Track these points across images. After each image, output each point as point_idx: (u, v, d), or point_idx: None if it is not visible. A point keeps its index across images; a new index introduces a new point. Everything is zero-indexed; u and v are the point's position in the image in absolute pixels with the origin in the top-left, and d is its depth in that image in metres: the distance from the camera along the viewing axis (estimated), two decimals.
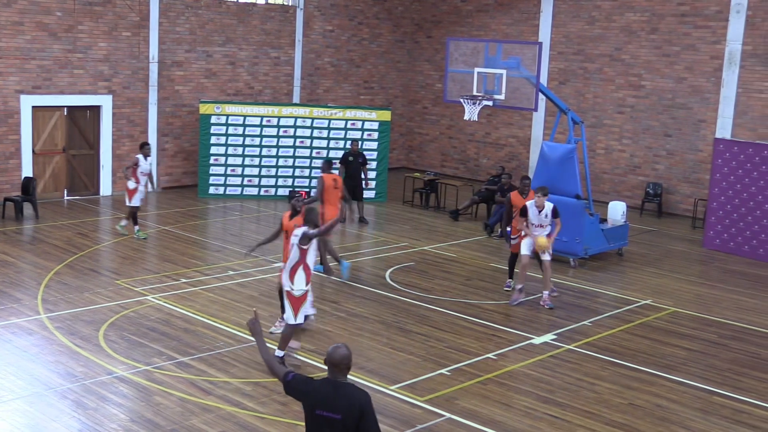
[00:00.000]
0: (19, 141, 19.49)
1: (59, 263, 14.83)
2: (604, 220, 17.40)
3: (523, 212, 13.64)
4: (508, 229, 14.39)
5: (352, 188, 18.79)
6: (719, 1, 20.75)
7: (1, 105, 19.08)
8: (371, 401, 5.56)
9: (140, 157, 16.58)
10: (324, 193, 15.23)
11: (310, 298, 10.55)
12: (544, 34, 23.87)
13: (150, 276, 14.33)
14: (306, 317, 10.59)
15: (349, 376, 5.72)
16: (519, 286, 13.77)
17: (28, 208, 18.49)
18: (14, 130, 19.39)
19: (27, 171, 19.54)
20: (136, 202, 16.59)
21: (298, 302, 10.32)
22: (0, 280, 13.82)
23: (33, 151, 19.82)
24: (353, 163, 19.49)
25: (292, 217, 11.43)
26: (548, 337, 12.25)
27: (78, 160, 20.81)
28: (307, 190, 20.85)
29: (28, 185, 18.69)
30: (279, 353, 10.43)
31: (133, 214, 16.73)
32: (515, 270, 14.28)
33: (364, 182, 19.85)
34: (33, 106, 19.61)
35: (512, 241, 14.19)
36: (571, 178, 16.30)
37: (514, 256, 14.21)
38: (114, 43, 20.64)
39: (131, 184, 16.53)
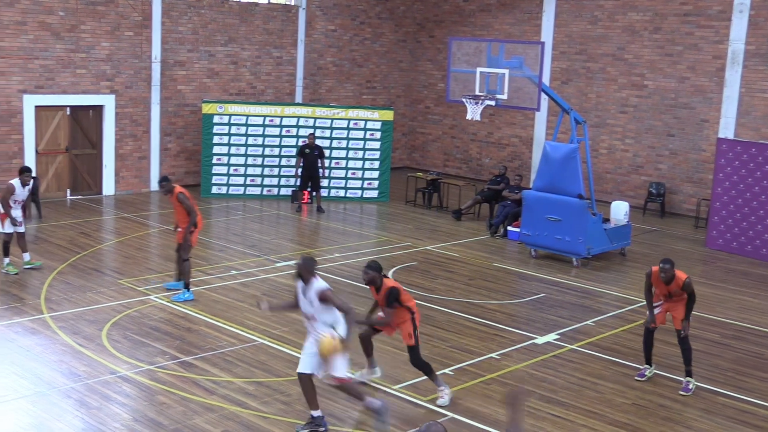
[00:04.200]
0: (22, 141, 19.50)
1: (62, 263, 14.84)
2: (606, 220, 17.39)
3: None
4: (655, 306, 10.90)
5: (309, 178, 20.43)
6: (722, 1, 20.72)
7: (4, 105, 19.09)
8: None
9: (15, 183, 14.19)
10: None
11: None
12: (547, 33, 23.86)
13: (153, 275, 14.34)
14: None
15: (351, 376, 5.71)
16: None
17: (31, 208, 18.47)
18: (17, 129, 19.40)
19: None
20: (7, 228, 14.19)
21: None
22: (3, 279, 13.83)
23: (36, 150, 19.83)
24: (310, 155, 20.37)
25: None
26: (551, 337, 12.25)
27: (81, 160, 20.83)
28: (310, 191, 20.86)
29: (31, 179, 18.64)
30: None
31: (5, 243, 14.34)
32: None
33: (321, 172, 20.65)
34: (36, 106, 19.62)
35: (654, 309, 10.84)
36: (573, 177, 16.29)
37: (651, 332, 10.88)
38: (116, 43, 20.65)
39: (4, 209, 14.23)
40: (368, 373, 10.20)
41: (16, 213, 14.29)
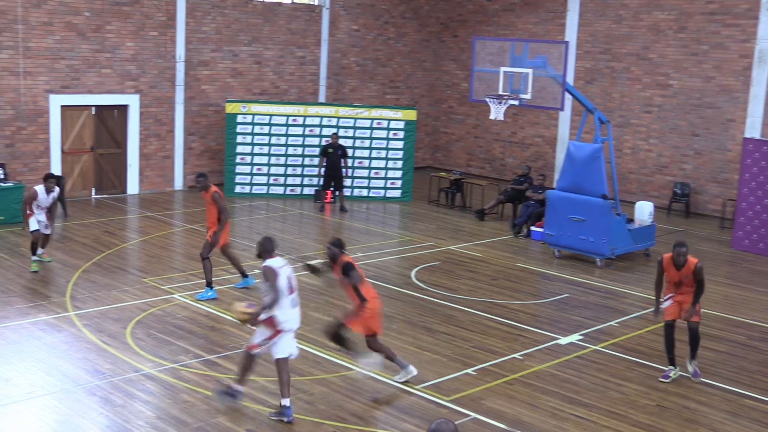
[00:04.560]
0: (48, 140, 19.67)
1: (87, 261, 14.95)
2: (630, 220, 17.29)
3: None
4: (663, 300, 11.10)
5: (333, 178, 20.48)
6: None
7: (30, 104, 19.26)
8: None
9: (39, 189, 14.31)
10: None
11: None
12: (571, 33, 23.76)
13: (176, 274, 14.41)
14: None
15: (375, 376, 5.70)
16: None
17: (56, 207, 18.62)
18: (43, 129, 19.57)
19: (56, 170, 19.71)
20: (33, 225, 14.24)
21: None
22: (30, 277, 13.96)
23: (62, 150, 20.00)
24: (333, 154, 20.40)
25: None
26: (574, 338, 12.19)
27: (106, 159, 20.98)
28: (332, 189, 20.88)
29: (57, 184, 18.79)
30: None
31: (32, 243, 14.36)
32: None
33: (344, 172, 20.66)
34: (62, 106, 19.79)
35: (664, 304, 10.90)
36: (597, 177, 16.21)
37: (670, 328, 10.77)
38: (141, 43, 20.78)
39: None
40: (402, 375, 10.19)
41: (40, 217, 14.33)
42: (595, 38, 23.41)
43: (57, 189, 14.61)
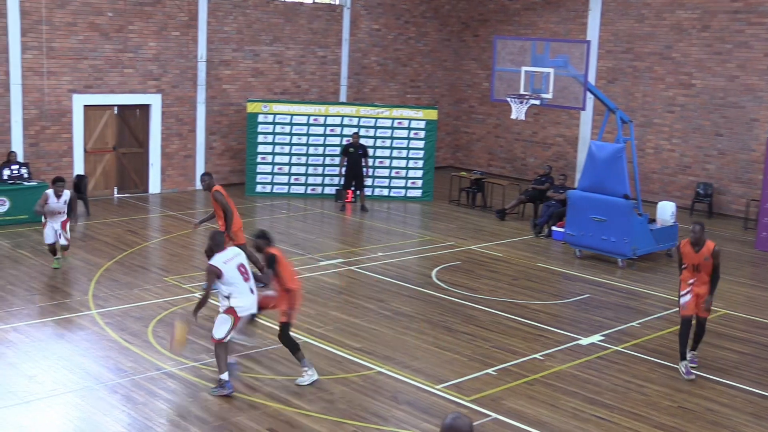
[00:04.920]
0: (72, 139, 19.82)
1: (109, 260, 15.04)
2: (653, 221, 17.18)
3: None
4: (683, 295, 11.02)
5: (353, 177, 20.54)
6: None
7: (54, 104, 19.41)
8: None
9: (49, 192, 14.34)
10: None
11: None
12: (593, 32, 23.65)
13: (198, 273, 14.46)
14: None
15: (395, 376, 5.69)
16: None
17: (79, 206, 18.76)
18: (67, 128, 19.72)
19: (79, 169, 19.87)
20: (48, 237, 14.35)
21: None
22: (52, 276, 14.06)
23: (84, 149, 20.14)
24: (354, 154, 20.45)
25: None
26: (596, 338, 12.13)
27: (128, 158, 21.10)
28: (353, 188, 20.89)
29: (79, 183, 19.00)
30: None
31: (51, 249, 14.49)
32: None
33: (365, 171, 20.71)
34: (84, 105, 19.93)
35: (682, 299, 10.95)
36: (619, 177, 16.13)
37: (687, 324, 10.91)
38: (163, 43, 20.88)
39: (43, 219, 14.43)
40: (306, 378, 10.05)
41: (56, 225, 14.20)
42: (617, 37, 23.29)
43: (67, 193, 14.36)
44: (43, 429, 8.73)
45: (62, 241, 14.31)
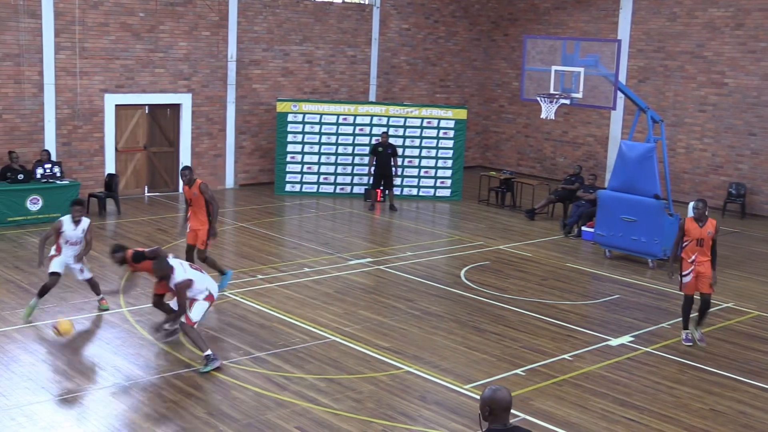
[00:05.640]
0: (103, 139, 20.00)
1: None
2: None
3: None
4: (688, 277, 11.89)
5: (382, 176, 20.49)
6: None
7: (86, 104, 19.61)
8: None
9: (65, 219, 11.90)
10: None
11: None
12: (624, 31, 23.48)
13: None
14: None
15: (424, 375, 5.70)
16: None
17: (110, 204, 18.97)
18: (98, 128, 19.91)
19: (110, 168, 20.06)
20: (55, 266, 11.83)
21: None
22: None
23: (116, 148, 20.32)
24: (383, 153, 20.44)
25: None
26: (625, 339, 12.05)
27: (158, 158, 21.27)
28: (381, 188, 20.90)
29: (111, 182, 19.18)
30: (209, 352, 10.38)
31: (45, 287, 11.81)
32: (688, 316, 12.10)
33: (394, 170, 20.70)
34: (116, 105, 20.11)
35: (684, 279, 11.79)
36: (650, 177, 16.01)
37: (690, 300, 11.87)
38: (194, 43, 21.02)
39: (52, 252, 11.98)
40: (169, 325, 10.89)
41: (68, 258, 11.87)
42: (648, 36, 23.10)
43: (86, 221, 11.98)
44: (75, 425, 8.82)
45: (85, 275, 12.14)
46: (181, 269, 10.49)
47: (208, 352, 10.23)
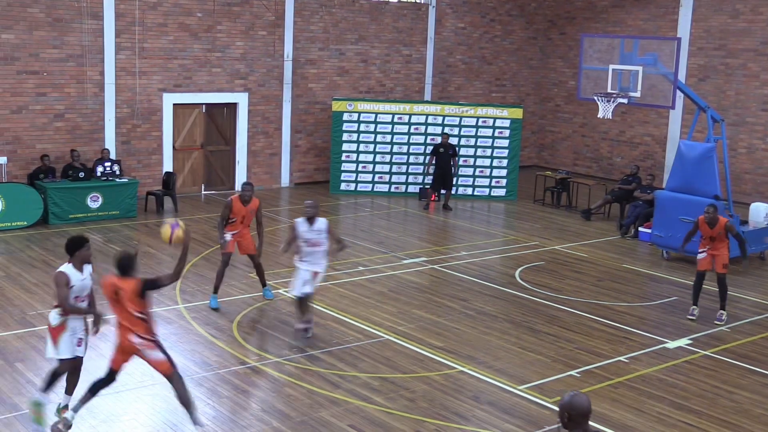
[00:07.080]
0: (161, 137, 20.30)
1: (196, 256, 15.34)
2: (745, 222, 16.70)
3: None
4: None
5: (442, 177, 20.41)
6: None
7: (145, 103, 19.92)
8: None
9: (69, 266, 8.39)
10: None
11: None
12: (684, 28, 23.09)
13: (282, 270, 14.64)
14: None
15: (477, 375, 5.67)
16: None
17: (168, 202, 19.24)
18: (156, 127, 20.20)
19: (168, 166, 20.35)
20: (63, 352, 8.45)
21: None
22: (142, 270, 14.33)
23: (173, 147, 20.60)
24: (443, 154, 20.38)
25: None
26: (683, 342, 11.86)
27: (215, 156, 21.51)
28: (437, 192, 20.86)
29: (168, 180, 19.45)
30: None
31: (56, 373, 8.64)
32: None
33: (453, 170, 20.63)
34: (174, 104, 20.38)
35: (699, 256, 12.99)
36: (709, 178, 15.72)
37: (701, 276, 13.00)
38: (250, 42, 21.21)
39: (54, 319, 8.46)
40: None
41: (79, 333, 8.57)
42: (709, 34, 22.68)
43: (89, 268, 8.63)
44: (133, 418, 8.97)
45: (79, 350, 8.66)
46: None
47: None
